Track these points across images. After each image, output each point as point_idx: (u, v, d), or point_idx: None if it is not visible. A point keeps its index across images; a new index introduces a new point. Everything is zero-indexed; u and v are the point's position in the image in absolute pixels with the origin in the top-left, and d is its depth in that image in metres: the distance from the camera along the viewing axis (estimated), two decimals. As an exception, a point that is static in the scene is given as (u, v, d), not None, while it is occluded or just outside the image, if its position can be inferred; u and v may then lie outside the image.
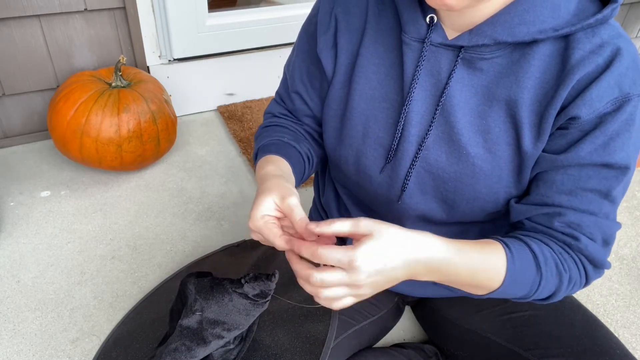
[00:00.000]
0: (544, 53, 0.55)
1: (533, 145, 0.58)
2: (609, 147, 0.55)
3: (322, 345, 0.63)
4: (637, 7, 2.23)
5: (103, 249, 1.13)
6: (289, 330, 0.67)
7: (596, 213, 0.59)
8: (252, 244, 0.93)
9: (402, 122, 0.63)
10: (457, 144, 0.61)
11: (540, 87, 0.56)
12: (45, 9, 1.27)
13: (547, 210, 0.60)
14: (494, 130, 0.59)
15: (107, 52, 1.43)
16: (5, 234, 1.14)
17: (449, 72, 0.59)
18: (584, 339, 0.68)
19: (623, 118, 0.54)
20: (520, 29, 0.53)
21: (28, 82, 1.37)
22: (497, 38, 0.54)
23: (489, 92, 0.58)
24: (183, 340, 0.63)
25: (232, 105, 1.72)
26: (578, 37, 0.54)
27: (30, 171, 1.35)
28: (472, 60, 0.58)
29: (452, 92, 0.59)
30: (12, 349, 0.90)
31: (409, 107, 0.62)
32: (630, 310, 1.08)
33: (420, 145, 0.63)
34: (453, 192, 0.65)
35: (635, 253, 1.24)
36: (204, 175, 1.40)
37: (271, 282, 0.63)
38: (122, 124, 1.21)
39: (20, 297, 1.00)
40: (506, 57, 0.57)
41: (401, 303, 0.91)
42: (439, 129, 0.62)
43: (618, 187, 0.58)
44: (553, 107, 0.55)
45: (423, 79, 0.61)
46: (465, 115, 0.60)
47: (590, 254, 0.60)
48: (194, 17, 1.48)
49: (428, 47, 0.59)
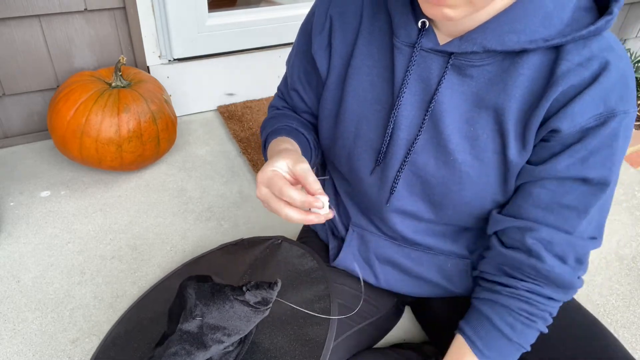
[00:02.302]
0: (534, 63, 0.54)
1: (518, 155, 0.58)
2: (588, 161, 0.54)
3: (322, 348, 0.63)
4: (637, 7, 2.23)
5: (103, 249, 1.13)
6: (287, 333, 0.67)
7: (570, 232, 0.59)
8: (250, 243, 0.93)
9: (392, 125, 0.63)
10: (445, 150, 0.61)
11: (527, 97, 0.55)
12: (45, 9, 1.27)
13: (520, 224, 0.60)
14: (482, 137, 0.59)
15: (107, 52, 1.43)
16: (5, 234, 1.14)
17: (439, 77, 0.59)
18: (584, 340, 0.68)
19: (606, 133, 0.53)
20: (510, 37, 0.52)
21: (28, 82, 1.37)
22: (487, 46, 0.54)
23: (478, 99, 0.58)
24: (183, 344, 0.63)
25: (232, 105, 1.72)
26: (568, 49, 0.53)
27: (30, 171, 1.35)
28: (462, 67, 0.57)
29: (442, 98, 0.59)
30: (12, 349, 0.90)
31: (398, 111, 0.62)
32: (630, 310, 1.08)
33: (409, 149, 0.63)
34: (440, 196, 0.65)
35: (635, 253, 1.24)
36: (204, 175, 1.40)
37: (273, 290, 0.63)
38: (122, 124, 1.21)
39: (20, 297, 1.00)
40: (496, 65, 0.56)
41: (400, 304, 0.92)
42: (427, 134, 0.62)
43: (596, 204, 0.57)
44: (536, 118, 0.55)
45: (412, 83, 0.61)
46: (454, 122, 0.60)
47: (557, 276, 0.60)
48: (194, 17, 1.49)
49: (418, 52, 0.59)
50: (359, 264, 0.81)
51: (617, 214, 1.37)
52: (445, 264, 0.75)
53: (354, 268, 0.80)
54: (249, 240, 0.95)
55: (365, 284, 0.83)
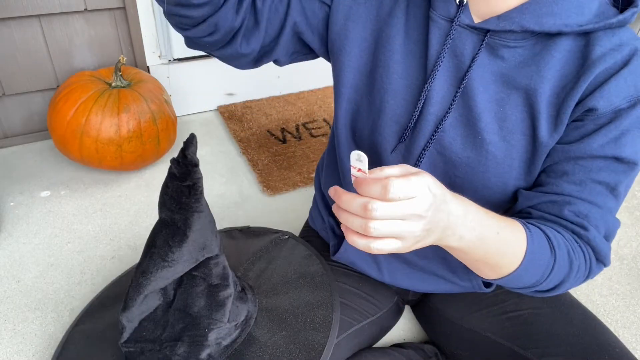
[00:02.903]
0: (565, 48, 0.57)
1: (549, 136, 0.59)
2: (620, 141, 0.57)
3: (319, 356, 0.63)
4: (637, 7, 2.23)
5: (103, 249, 1.13)
6: (286, 333, 0.67)
7: (602, 206, 0.60)
8: (255, 233, 0.92)
9: (423, 100, 0.62)
10: (474, 129, 0.61)
11: (559, 80, 0.57)
12: (45, 9, 1.27)
13: (556, 199, 0.60)
14: (511, 118, 0.60)
15: (107, 52, 1.43)
16: (5, 234, 1.14)
17: (472, 55, 0.60)
18: (583, 337, 0.68)
19: (636, 115, 0.56)
20: (547, 19, 0.55)
21: (28, 82, 1.37)
22: (525, 25, 0.55)
23: (509, 80, 0.59)
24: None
25: (232, 105, 1.72)
26: (599, 36, 0.56)
27: (30, 171, 1.35)
28: (495, 47, 0.59)
29: (473, 76, 0.60)
30: (12, 349, 0.90)
31: (432, 85, 0.62)
32: (630, 310, 1.08)
33: (438, 126, 0.63)
34: (462, 177, 0.65)
35: (635, 253, 1.24)
36: (204, 175, 1.40)
37: (188, 150, 0.58)
38: (122, 124, 1.21)
39: (20, 297, 1.00)
40: (528, 49, 0.58)
41: (401, 302, 0.91)
42: (457, 112, 0.62)
43: (624, 182, 0.59)
44: (572, 99, 0.56)
45: (447, 58, 0.61)
46: (484, 101, 0.60)
47: (597, 245, 0.60)
48: (194, 17, 1.48)
49: (456, 27, 0.59)
50: (362, 258, 0.80)
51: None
52: (450, 256, 0.75)
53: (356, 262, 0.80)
54: (255, 229, 0.93)
55: (366, 281, 0.83)
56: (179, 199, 0.60)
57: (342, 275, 0.82)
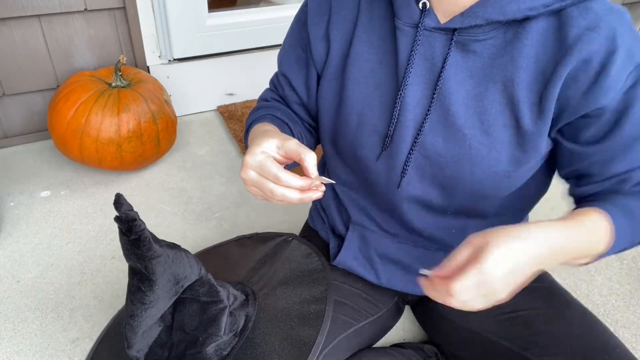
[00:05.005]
0: (537, 31, 0.56)
1: (533, 124, 0.59)
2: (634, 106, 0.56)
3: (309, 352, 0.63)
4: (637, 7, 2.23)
5: (103, 249, 1.13)
6: (279, 331, 0.67)
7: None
8: (263, 238, 0.93)
9: (398, 107, 0.63)
10: (453, 127, 0.62)
11: (536, 65, 0.57)
12: (45, 9, 1.27)
13: (612, 183, 0.61)
14: (490, 112, 0.60)
15: (107, 52, 1.43)
16: (5, 234, 1.14)
17: (443, 56, 0.60)
18: (583, 338, 0.68)
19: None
20: (510, 6, 0.54)
21: (28, 82, 1.37)
22: (489, 18, 0.55)
23: (484, 74, 0.59)
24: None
25: (232, 105, 1.72)
26: (572, 14, 0.54)
27: (30, 171, 1.35)
28: (465, 43, 0.58)
29: (448, 76, 0.60)
30: (12, 349, 0.90)
31: (405, 92, 0.62)
32: (630, 310, 1.08)
33: (419, 131, 0.63)
34: (450, 177, 0.65)
35: (635, 253, 1.24)
36: (204, 175, 1.40)
37: (120, 210, 0.58)
38: (122, 124, 1.21)
39: (20, 297, 1.00)
40: (499, 38, 0.57)
41: (401, 302, 0.91)
42: (435, 114, 0.62)
43: None
44: (554, 86, 0.56)
45: (417, 63, 0.61)
46: (461, 99, 0.60)
47: None
48: (194, 17, 1.49)
49: (422, 31, 0.60)
50: (360, 262, 0.80)
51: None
52: None
53: (354, 267, 0.80)
54: (262, 235, 0.94)
55: (366, 282, 0.83)
56: (134, 251, 0.61)
57: (342, 275, 0.82)
